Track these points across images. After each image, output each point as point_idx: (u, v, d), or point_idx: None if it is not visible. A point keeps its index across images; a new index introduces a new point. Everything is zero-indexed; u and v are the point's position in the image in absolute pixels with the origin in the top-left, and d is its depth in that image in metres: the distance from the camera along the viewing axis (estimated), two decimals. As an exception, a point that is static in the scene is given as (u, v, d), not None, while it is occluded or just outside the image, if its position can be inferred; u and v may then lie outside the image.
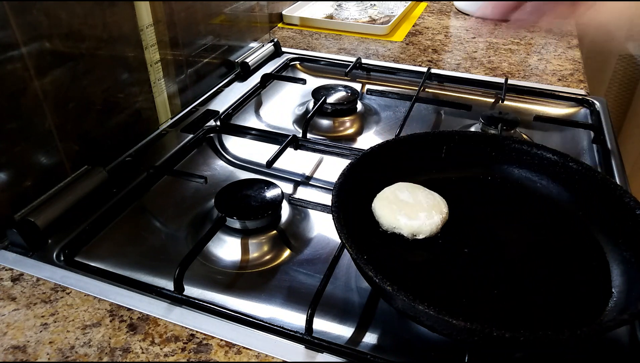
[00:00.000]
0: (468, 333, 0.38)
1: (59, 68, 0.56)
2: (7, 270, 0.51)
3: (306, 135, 0.73)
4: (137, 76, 0.69)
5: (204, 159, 0.71)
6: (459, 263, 0.49)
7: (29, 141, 0.55)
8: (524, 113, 0.82)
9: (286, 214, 0.59)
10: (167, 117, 0.76)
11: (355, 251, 0.43)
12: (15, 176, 0.54)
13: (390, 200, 0.52)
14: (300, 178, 0.67)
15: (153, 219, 0.60)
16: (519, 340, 0.38)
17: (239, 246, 0.55)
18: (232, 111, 0.78)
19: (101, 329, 0.45)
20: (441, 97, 0.88)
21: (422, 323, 0.41)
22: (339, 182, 0.51)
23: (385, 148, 0.58)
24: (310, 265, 0.53)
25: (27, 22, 0.51)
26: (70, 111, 0.59)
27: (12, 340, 0.44)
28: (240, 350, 0.43)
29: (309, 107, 0.82)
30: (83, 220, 0.56)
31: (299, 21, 1.17)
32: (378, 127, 0.79)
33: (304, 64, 0.99)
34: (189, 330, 0.45)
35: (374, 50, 1.04)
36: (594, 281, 0.47)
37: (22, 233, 0.52)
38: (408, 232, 0.50)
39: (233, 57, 0.92)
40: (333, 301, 0.48)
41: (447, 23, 1.21)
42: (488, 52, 1.03)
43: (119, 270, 0.52)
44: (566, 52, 1.03)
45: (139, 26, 0.67)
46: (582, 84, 0.90)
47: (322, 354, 0.43)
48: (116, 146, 0.67)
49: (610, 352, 0.45)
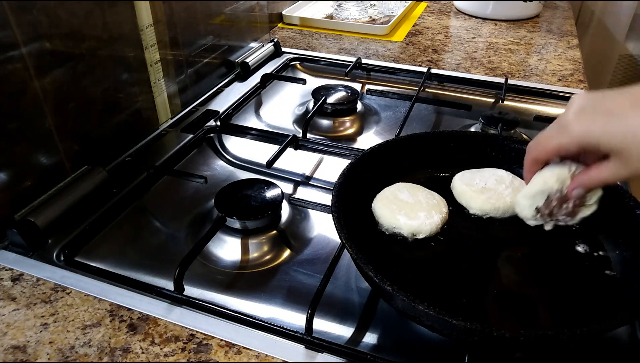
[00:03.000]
0: (468, 333, 0.38)
1: (59, 68, 0.56)
2: (7, 270, 0.51)
3: (306, 135, 0.73)
4: (137, 76, 0.69)
5: (204, 159, 0.71)
6: (459, 263, 0.49)
7: (29, 141, 0.55)
8: (524, 113, 0.82)
9: (286, 214, 0.59)
10: (167, 117, 0.76)
11: (355, 251, 0.43)
12: (15, 176, 0.54)
13: (390, 200, 0.52)
14: (300, 178, 0.67)
15: (153, 219, 0.60)
16: (519, 340, 0.38)
17: (239, 246, 0.55)
18: (232, 111, 0.78)
19: (101, 329, 0.45)
20: (441, 97, 0.88)
21: (422, 323, 0.41)
22: (339, 182, 0.51)
23: (385, 148, 0.58)
24: (310, 265, 0.53)
25: (27, 22, 0.51)
26: (70, 111, 0.59)
27: (12, 340, 0.44)
28: (240, 350, 0.43)
29: (309, 107, 0.82)
30: (83, 220, 0.56)
31: (299, 21, 1.17)
32: (378, 127, 0.79)
33: (304, 64, 0.99)
34: (189, 330, 0.45)
35: (374, 50, 1.04)
36: (593, 281, 0.47)
37: (22, 233, 0.52)
38: (408, 232, 0.50)
39: (233, 57, 0.92)
40: (333, 301, 0.48)
41: (447, 23, 1.21)
42: (488, 52, 1.03)
43: (119, 270, 0.52)
44: (566, 52, 1.03)
45: (139, 26, 0.67)
46: (582, 84, 0.90)
47: (322, 354, 0.43)
48: (116, 146, 0.67)
49: (610, 352, 0.45)
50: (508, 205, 0.52)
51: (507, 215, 0.53)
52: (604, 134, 0.38)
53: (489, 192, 0.53)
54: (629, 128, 0.36)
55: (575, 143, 0.40)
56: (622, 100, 0.37)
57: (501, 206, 0.53)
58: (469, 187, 0.54)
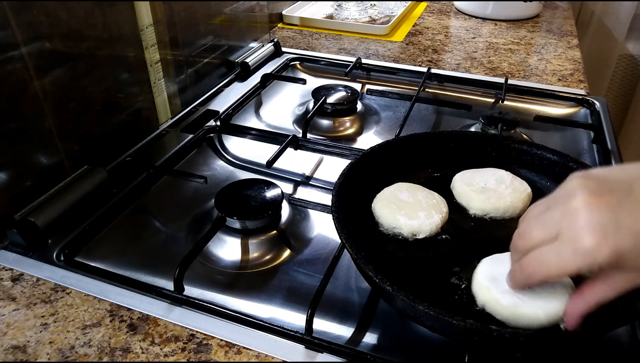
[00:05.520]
0: (468, 333, 0.38)
1: (59, 68, 0.56)
2: (7, 270, 0.51)
3: (306, 135, 0.73)
4: (137, 76, 0.69)
5: (204, 159, 0.71)
6: (459, 262, 0.49)
7: (29, 141, 0.55)
8: (524, 113, 0.82)
9: (286, 214, 0.59)
10: (167, 117, 0.76)
11: (355, 251, 0.43)
12: (15, 176, 0.54)
13: (390, 200, 0.52)
14: (300, 178, 0.67)
15: (153, 219, 0.60)
16: (519, 340, 0.38)
17: (239, 246, 0.55)
18: (232, 111, 0.78)
19: (101, 329, 0.45)
20: (441, 97, 0.88)
21: (422, 323, 0.41)
22: (339, 182, 0.51)
23: (385, 147, 0.58)
24: (310, 265, 0.53)
25: (27, 22, 0.51)
26: (70, 111, 0.59)
27: (12, 340, 0.44)
28: (240, 350, 0.43)
29: (309, 107, 0.82)
30: (83, 220, 0.56)
31: (299, 21, 1.17)
32: (378, 127, 0.79)
33: (304, 64, 0.99)
34: (189, 330, 0.45)
35: (374, 50, 1.04)
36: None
37: (22, 233, 0.52)
38: (408, 232, 0.50)
39: (233, 57, 0.92)
40: (333, 301, 0.48)
41: (447, 23, 1.21)
42: (488, 52, 1.03)
43: (119, 270, 0.52)
44: (566, 52, 1.03)
45: (139, 26, 0.67)
46: (582, 84, 0.90)
47: (322, 354, 0.43)
48: (116, 146, 0.67)
49: (610, 352, 0.45)
50: (508, 205, 0.52)
51: (507, 215, 0.53)
52: (633, 255, 0.32)
53: (489, 192, 0.53)
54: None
55: (598, 267, 0.33)
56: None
57: (501, 206, 0.53)
58: (469, 187, 0.55)
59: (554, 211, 0.36)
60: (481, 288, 0.42)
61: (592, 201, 0.33)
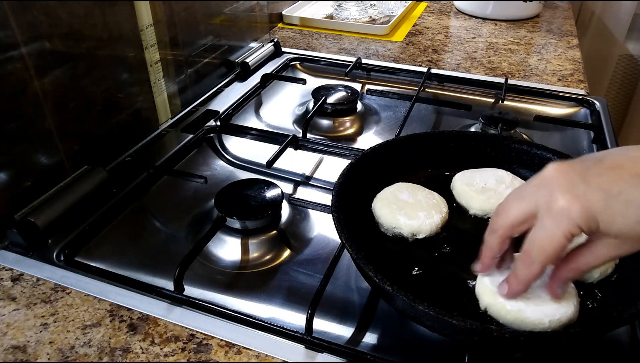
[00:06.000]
0: (468, 333, 0.38)
1: (59, 68, 0.56)
2: (7, 270, 0.51)
3: (306, 135, 0.73)
4: (137, 76, 0.69)
5: (204, 159, 0.71)
6: (459, 262, 0.49)
7: (29, 141, 0.55)
8: (524, 113, 0.82)
9: (286, 214, 0.59)
10: (167, 117, 0.76)
11: (355, 251, 0.43)
12: (15, 176, 0.54)
13: (390, 200, 0.52)
14: (300, 178, 0.67)
15: (153, 219, 0.60)
16: (519, 340, 0.38)
17: (239, 246, 0.55)
18: (232, 111, 0.78)
19: (101, 329, 0.45)
20: (441, 97, 0.88)
21: (422, 323, 0.41)
22: (339, 182, 0.51)
23: (385, 147, 0.58)
24: (310, 265, 0.53)
25: (27, 22, 0.51)
26: (70, 111, 0.59)
27: (12, 340, 0.44)
28: (240, 350, 0.43)
29: (309, 107, 0.82)
30: (83, 220, 0.56)
31: (299, 21, 1.17)
32: (378, 127, 0.79)
33: (304, 64, 0.99)
34: (189, 330, 0.45)
35: (374, 50, 1.04)
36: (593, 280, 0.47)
37: (22, 233, 0.52)
38: (408, 232, 0.50)
39: (233, 57, 0.92)
40: (333, 301, 0.48)
41: (447, 23, 1.21)
42: (488, 52, 1.03)
43: (119, 270, 0.52)
44: (566, 52, 1.03)
45: (139, 26, 0.67)
46: (582, 84, 0.90)
47: (322, 354, 0.43)
48: (116, 146, 0.67)
49: (610, 352, 0.45)
50: None
51: None
52: (607, 216, 0.33)
53: (489, 192, 0.53)
54: (630, 205, 0.33)
55: (578, 228, 0.34)
56: (613, 174, 0.33)
57: None
58: (469, 187, 0.54)
59: (527, 185, 0.38)
60: (486, 291, 0.42)
61: (562, 168, 0.36)
